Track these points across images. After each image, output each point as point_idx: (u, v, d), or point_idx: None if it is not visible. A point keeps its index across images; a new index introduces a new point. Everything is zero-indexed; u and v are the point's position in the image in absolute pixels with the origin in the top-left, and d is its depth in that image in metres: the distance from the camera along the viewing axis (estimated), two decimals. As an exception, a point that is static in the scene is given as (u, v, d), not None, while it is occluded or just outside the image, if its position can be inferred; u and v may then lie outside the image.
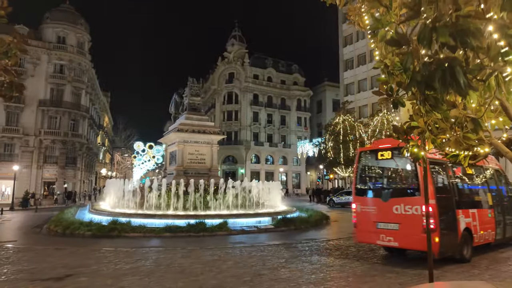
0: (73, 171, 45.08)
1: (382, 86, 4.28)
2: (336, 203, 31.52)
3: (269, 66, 64.65)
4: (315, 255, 9.88)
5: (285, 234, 14.38)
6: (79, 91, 45.51)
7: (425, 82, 3.23)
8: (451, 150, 4.46)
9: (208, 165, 22.18)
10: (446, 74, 2.68)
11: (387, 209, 8.85)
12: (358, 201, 9.77)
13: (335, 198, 32.16)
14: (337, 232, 15.49)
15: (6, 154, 40.88)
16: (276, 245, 11.58)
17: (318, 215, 19.11)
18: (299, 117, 65.53)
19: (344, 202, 30.65)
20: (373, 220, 9.16)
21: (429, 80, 3.18)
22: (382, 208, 8.98)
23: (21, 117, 41.48)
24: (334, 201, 31.86)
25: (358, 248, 10.91)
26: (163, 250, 10.79)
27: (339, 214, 25.05)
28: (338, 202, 31.46)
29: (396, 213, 8.66)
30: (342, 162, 37.60)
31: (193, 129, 21.98)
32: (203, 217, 15.45)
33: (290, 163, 64.13)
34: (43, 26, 44.03)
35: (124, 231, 14.10)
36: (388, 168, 10.01)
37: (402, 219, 8.54)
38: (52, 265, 8.59)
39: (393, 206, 8.75)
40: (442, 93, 2.97)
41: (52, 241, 13.30)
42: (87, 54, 46.98)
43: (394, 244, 8.78)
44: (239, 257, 9.66)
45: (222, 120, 61.04)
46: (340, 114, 39.43)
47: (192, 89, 23.39)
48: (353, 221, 9.85)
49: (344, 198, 30.99)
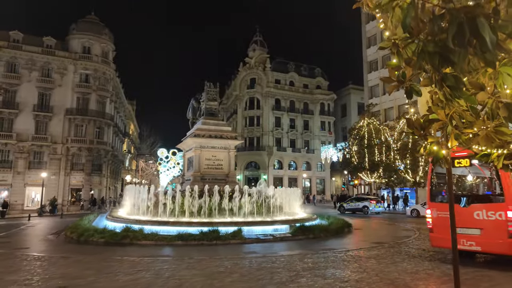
0: (98, 178, 46.05)
1: (393, 72, 3.52)
2: (346, 209, 31.75)
3: (291, 70, 63.91)
4: (330, 268, 9.00)
5: (302, 243, 13.53)
6: (104, 99, 46.62)
7: (440, 53, 2.47)
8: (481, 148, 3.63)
9: (226, 171, 21.68)
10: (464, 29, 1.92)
11: (467, 215, 9.09)
12: (433, 207, 10.10)
13: (346, 205, 32.53)
14: (358, 242, 14.46)
15: (36, 161, 42.34)
16: (290, 256, 10.78)
17: (340, 222, 18.07)
18: (322, 122, 64.17)
19: (354, 208, 31.24)
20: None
21: (445, 50, 2.42)
22: (461, 213, 9.01)
23: (49, 126, 42.92)
24: (345, 207, 32.11)
25: (378, 260, 9.93)
26: (170, 260, 10.27)
27: (364, 221, 23.82)
28: (348, 208, 31.74)
29: (478, 219, 8.99)
30: (367, 167, 36.16)
31: (210, 134, 21.59)
32: (217, 225, 14.88)
33: (314, 168, 62.75)
34: (69, 37, 45.62)
35: (136, 239, 13.78)
36: (466, 175, 10.46)
37: (485, 224, 8.86)
38: (50, 275, 8.24)
39: (474, 212, 9.07)
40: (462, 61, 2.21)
41: (64, 248, 13.16)
42: (111, 63, 48.17)
43: (476, 248, 9.07)
44: (247, 269, 8.96)
45: (244, 125, 60.76)
46: (364, 117, 38.10)
47: (209, 93, 23.04)
48: (428, 227, 10.20)
49: (354, 204, 31.60)
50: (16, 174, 40.98)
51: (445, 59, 2.37)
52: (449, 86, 2.86)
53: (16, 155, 41.21)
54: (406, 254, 10.98)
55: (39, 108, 42.53)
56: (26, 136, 41.53)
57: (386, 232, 17.76)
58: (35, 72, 42.85)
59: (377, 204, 31.07)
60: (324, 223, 17.60)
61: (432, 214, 10.00)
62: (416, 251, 11.67)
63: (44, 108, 42.78)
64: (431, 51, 2.42)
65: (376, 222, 23.03)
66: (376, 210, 30.76)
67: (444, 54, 2.33)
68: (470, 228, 9.03)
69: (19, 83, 41.95)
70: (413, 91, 3.49)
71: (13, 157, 41.20)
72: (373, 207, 30.55)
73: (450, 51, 2.28)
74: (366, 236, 16.45)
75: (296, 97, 63.01)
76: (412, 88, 3.47)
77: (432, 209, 10.06)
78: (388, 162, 35.18)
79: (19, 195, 40.47)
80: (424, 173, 32.51)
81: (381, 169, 35.85)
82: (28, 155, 41.84)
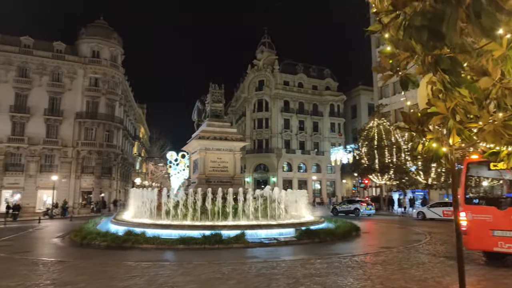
0: (108, 181, 46.32)
1: (386, 60, 3.12)
2: (339, 211, 32.22)
3: (299, 71, 63.37)
4: (332, 275, 8.54)
5: (307, 248, 13.08)
6: (113, 103, 46.95)
7: (428, 27, 2.08)
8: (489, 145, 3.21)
9: (231, 173, 21.36)
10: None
11: (506, 217, 9.19)
12: (468, 210, 10.00)
13: (338, 207, 33.38)
14: (365, 246, 13.94)
15: (47, 165, 42.84)
16: (292, 261, 10.36)
17: (347, 226, 17.52)
18: (332, 123, 63.35)
19: (346, 210, 31.93)
20: (488, 228, 9.43)
21: (433, 23, 2.03)
22: (499, 216, 9.29)
23: (60, 130, 43.40)
24: (338, 210, 32.72)
25: (385, 267, 9.43)
26: (167, 265, 9.97)
27: (373, 224, 23.19)
28: (340, 211, 32.31)
29: None
30: (377, 168, 35.40)
31: (215, 136, 21.32)
32: (220, 228, 14.56)
33: (324, 171, 61.95)
34: (79, 41, 46.15)
35: (137, 242, 13.57)
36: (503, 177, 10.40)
37: None
38: (41, 281, 8.02)
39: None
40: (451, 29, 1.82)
41: (65, 252, 13.02)
42: (120, 67, 48.52)
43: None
44: (245, 275, 8.58)
45: (253, 128, 60.41)
46: (374, 118, 37.36)
47: (214, 95, 22.80)
48: (462, 229, 9.87)
49: (346, 207, 32.46)
50: (28, 177, 41.51)
51: (434, 33, 1.98)
52: (445, 70, 2.46)
53: (28, 158, 41.75)
54: (415, 260, 10.44)
55: (50, 112, 43.06)
56: (38, 140, 42.07)
57: (396, 236, 17.14)
58: (46, 76, 43.43)
59: (367, 206, 31.76)
60: (331, 227, 17.11)
61: (467, 217, 9.92)
62: (426, 256, 11.11)
63: (54, 112, 43.29)
64: (418, 25, 2.03)
65: (386, 226, 22.36)
66: (367, 212, 31.32)
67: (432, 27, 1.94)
68: (508, 230, 9.12)
69: (30, 88, 42.57)
70: (409, 81, 3.08)
71: (25, 160, 41.77)
72: (363, 209, 31.29)
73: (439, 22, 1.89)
74: (374, 240, 15.90)
75: (305, 99, 62.40)
76: (408, 77, 3.07)
77: (467, 211, 9.97)
78: (399, 163, 34.37)
79: (31, 198, 40.97)
80: (436, 175, 31.60)
81: (391, 171, 35.03)
82: (40, 158, 42.36)
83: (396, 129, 35.82)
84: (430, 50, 2.37)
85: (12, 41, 42.61)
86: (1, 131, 40.80)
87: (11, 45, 42.31)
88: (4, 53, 41.78)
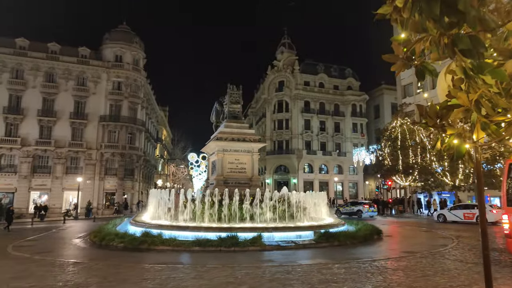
0: (131, 182, 47.18)
1: (399, 48, 2.78)
2: (342, 213, 32.15)
3: (320, 71, 62.49)
4: (349, 281, 8.12)
5: (325, 252, 12.65)
6: (135, 105, 47.83)
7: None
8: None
9: (249, 174, 21.15)
10: None
11: None
12: (511, 212, 9.75)
13: (342, 209, 33.44)
14: (387, 250, 13.33)
15: (72, 167, 44.12)
16: (309, 265, 9.98)
17: (368, 229, 16.91)
18: (354, 123, 62.03)
19: (349, 212, 31.99)
20: None
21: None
22: None
23: (84, 132, 44.63)
24: (341, 211, 32.66)
25: (407, 273, 8.89)
26: (180, 268, 9.82)
27: (397, 227, 22.36)
28: (344, 212, 32.28)
29: None
30: (400, 169, 34.24)
31: (233, 137, 21.20)
32: (237, 230, 14.35)
33: (346, 172, 60.72)
34: (102, 46, 47.34)
35: (153, 244, 13.57)
36: None
37: None
38: (54, 282, 8.04)
39: None
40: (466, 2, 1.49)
41: (83, 253, 13.16)
42: (142, 71, 49.39)
43: None
44: (258, 279, 8.29)
45: (273, 129, 60.04)
46: (397, 118, 36.20)
47: (232, 96, 22.69)
48: (505, 232, 9.88)
49: (349, 209, 32.62)
50: (54, 179, 42.89)
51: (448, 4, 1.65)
52: (464, 52, 2.10)
53: (55, 160, 43.14)
54: (440, 266, 9.83)
55: (75, 116, 44.36)
56: (64, 143, 43.42)
57: (420, 240, 16.36)
58: (71, 81, 44.79)
59: (370, 208, 31.75)
60: (351, 230, 16.54)
61: (509, 219, 9.59)
62: (452, 262, 10.45)
63: (79, 115, 44.57)
64: (428, -4, 1.70)
65: (410, 229, 21.48)
66: (370, 214, 31.28)
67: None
68: None
69: (57, 92, 44.01)
70: (425, 70, 2.72)
71: (51, 162, 43.18)
72: (366, 211, 31.37)
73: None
74: (397, 244, 15.23)
75: (326, 99, 61.44)
76: (424, 66, 2.71)
77: (510, 214, 9.63)
78: (424, 164, 33.07)
79: (57, 199, 42.31)
80: (464, 176, 30.18)
81: (416, 172, 33.78)
82: (65, 160, 43.68)
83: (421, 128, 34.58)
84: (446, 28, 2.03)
85: (40, 48, 44.22)
86: (29, 135, 42.37)
87: (39, 52, 43.94)
88: (32, 59, 43.43)
